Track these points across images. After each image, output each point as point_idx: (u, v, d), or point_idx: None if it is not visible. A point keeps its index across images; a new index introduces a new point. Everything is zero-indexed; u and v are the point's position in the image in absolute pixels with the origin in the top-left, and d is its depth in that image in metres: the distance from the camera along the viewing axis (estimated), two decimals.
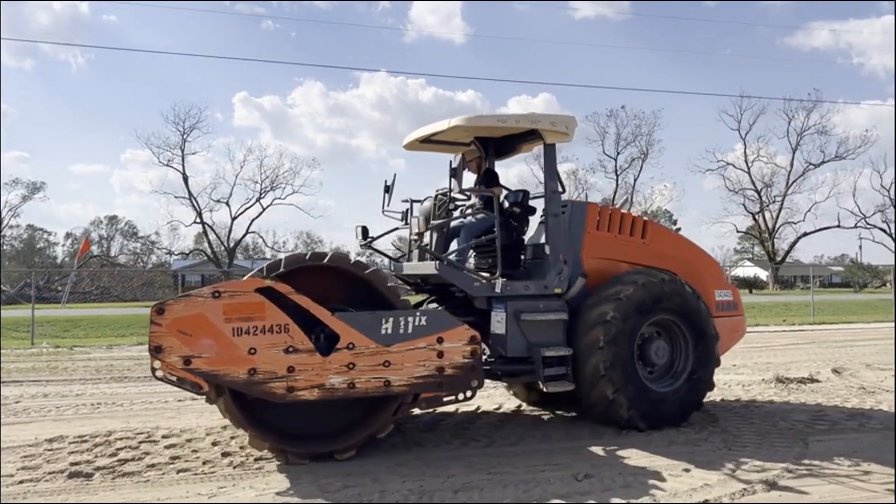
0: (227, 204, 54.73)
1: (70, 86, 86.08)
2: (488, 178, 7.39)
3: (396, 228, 7.68)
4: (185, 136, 52.60)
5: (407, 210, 7.38)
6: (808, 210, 58.20)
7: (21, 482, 5.15)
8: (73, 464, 5.58)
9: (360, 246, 7.24)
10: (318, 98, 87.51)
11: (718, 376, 9.93)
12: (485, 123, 6.95)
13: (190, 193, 53.37)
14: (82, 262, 47.19)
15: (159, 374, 5.13)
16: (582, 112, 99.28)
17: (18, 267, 53.48)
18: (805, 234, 59.17)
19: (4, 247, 59.29)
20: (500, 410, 7.74)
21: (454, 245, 7.11)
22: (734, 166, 58.98)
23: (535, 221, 7.49)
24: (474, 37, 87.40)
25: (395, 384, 5.53)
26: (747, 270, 65.68)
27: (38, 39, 74.06)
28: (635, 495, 4.77)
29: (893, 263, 49.73)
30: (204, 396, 5.41)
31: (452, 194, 6.94)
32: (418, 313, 5.69)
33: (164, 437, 6.49)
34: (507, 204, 7.45)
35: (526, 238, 7.43)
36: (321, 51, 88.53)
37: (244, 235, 57.11)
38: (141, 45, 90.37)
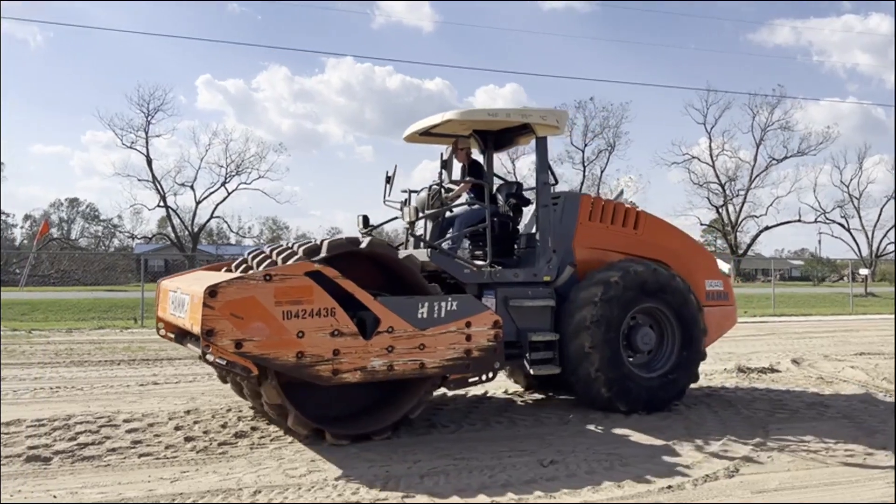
0: (192, 188, 53.80)
1: (28, 64, 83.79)
2: (475, 170, 7.55)
3: (396, 218, 7.89)
4: (149, 118, 51.51)
5: (405, 200, 7.52)
6: (771, 204, 59.19)
7: None
8: (30, 448, 5.46)
9: (361, 234, 7.31)
10: (283, 82, 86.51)
11: None
12: (476, 117, 7.20)
13: (154, 176, 52.37)
14: (41, 244, 46.18)
15: (210, 357, 5.08)
16: (550, 103, 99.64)
17: None
18: (767, 228, 60.24)
19: None
20: (467, 397, 7.75)
21: (450, 234, 7.30)
22: (699, 160, 59.73)
23: (530, 212, 7.69)
24: (443, 24, 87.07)
25: (429, 366, 5.74)
26: None
27: None
28: (599, 481, 4.81)
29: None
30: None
31: (444, 185, 7.20)
32: (450, 299, 5.88)
33: (125, 421, 6.37)
34: (500, 195, 7.67)
35: (521, 228, 7.65)
36: (287, 35, 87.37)
37: (208, 220, 56.30)
38: (102, 23, 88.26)
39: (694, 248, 7.93)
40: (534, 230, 7.29)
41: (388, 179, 7.41)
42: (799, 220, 58.98)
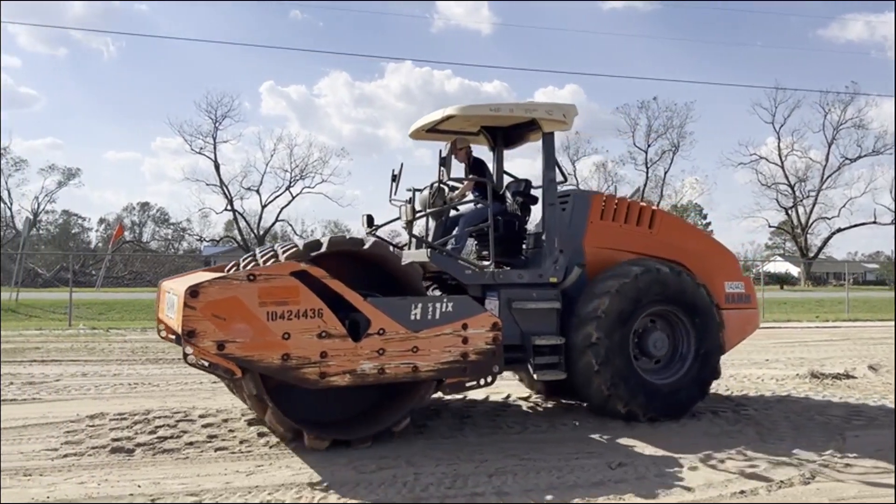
0: (258, 192, 55.45)
1: (101, 74, 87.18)
2: (477, 168, 7.32)
3: (400, 217, 7.60)
4: (217, 125, 53.24)
5: (409, 199, 7.25)
6: (843, 206, 57.29)
7: (65, 456, 5.30)
8: (114, 440, 5.73)
9: (366, 234, 7.17)
10: (344, 88, 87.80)
11: (751, 370, 9.94)
12: (478, 113, 6.91)
13: (221, 181, 54.08)
14: (116, 247, 48.01)
15: (191, 359, 5.01)
16: (611, 103, 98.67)
17: (54, 251, 54.45)
18: (839, 230, 58.28)
19: (41, 231, 60.44)
20: (532, 399, 7.74)
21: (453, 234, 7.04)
22: (767, 160, 58.29)
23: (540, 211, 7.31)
24: (501, 26, 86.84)
25: (423, 370, 5.54)
26: (778, 266, 64.83)
27: (70, 27, 74.84)
28: (670, 484, 4.76)
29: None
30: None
31: (441, 183, 6.90)
32: (445, 299, 5.68)
33: (200, 416, 6.60)
34: (509, 193, 7.40)
35: (533, 228, 7.36)
36: (348, 41, 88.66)
37: (274, 223, 57.85)
38: (170, 33, 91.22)
39: (713, 248, 7.56)
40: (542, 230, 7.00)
41: (394, 178, 7.16)
42: (874, 222, 56.84)
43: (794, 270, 63.72)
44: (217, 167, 54.13)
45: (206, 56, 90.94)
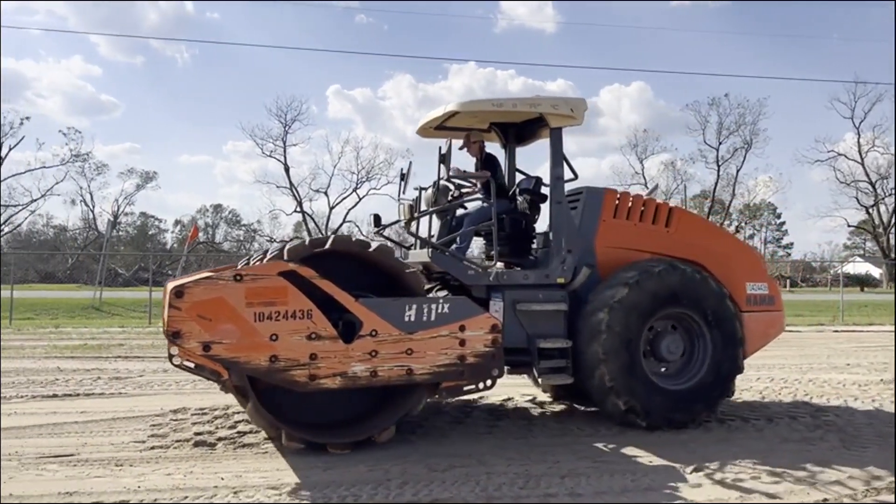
0: (326, 194, 56.44)
1: (176, 80, 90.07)
2: (489, 164, 7.08)
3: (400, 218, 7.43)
4: (287, 128, 54.43)
5: (417, 198, 6.99)
6: None
7: (152, 448, 5.55)
8: (197, 433, 5.96)
9: (373, 234, 7.06)
10: (408, 90, 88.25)
11: (831, 375, 9.64)
12: (481, 108, 6.71)
13: (291, 183, 55.29)
14: (191, 248, 49.65)
15: (176, 360, 4.95)
16: (680, 101, 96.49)
17: (133, 252, 56.66)
18: None
19: (120, 232, 62.94)
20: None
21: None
22: (846, 157, 56.01)
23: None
24: (566, 24, 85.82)
25: (418, 372, 5.41)
26: (858, 267, 62.20)
27: (147, 35, 77.49)
28: (749, 489, 4.66)
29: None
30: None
31: (445, 181, 6.71)
32: (441, 300, 5.54)
33: None
34: (518, 191, 7.25)
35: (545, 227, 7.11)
36: (412, 43, 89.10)
37: (341, 224, 58.68)
38: (240, 40, 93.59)
39: (735, 247, 7.24)
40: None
41: (403, 177, 6.92)
42: None
43: (876, 272, 61.04)
44: (287, 170, 55.34)
45: (275, 61, 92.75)
